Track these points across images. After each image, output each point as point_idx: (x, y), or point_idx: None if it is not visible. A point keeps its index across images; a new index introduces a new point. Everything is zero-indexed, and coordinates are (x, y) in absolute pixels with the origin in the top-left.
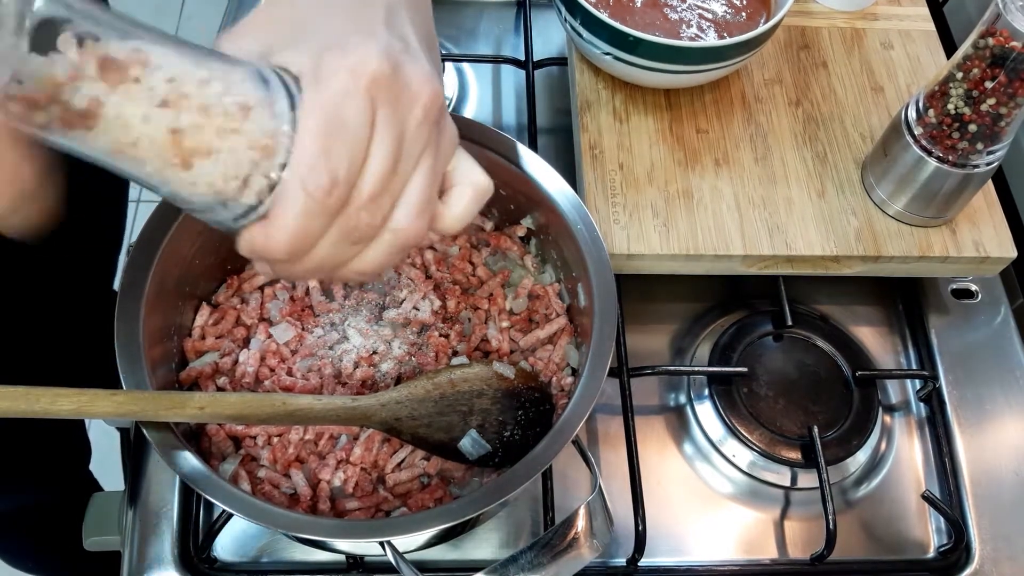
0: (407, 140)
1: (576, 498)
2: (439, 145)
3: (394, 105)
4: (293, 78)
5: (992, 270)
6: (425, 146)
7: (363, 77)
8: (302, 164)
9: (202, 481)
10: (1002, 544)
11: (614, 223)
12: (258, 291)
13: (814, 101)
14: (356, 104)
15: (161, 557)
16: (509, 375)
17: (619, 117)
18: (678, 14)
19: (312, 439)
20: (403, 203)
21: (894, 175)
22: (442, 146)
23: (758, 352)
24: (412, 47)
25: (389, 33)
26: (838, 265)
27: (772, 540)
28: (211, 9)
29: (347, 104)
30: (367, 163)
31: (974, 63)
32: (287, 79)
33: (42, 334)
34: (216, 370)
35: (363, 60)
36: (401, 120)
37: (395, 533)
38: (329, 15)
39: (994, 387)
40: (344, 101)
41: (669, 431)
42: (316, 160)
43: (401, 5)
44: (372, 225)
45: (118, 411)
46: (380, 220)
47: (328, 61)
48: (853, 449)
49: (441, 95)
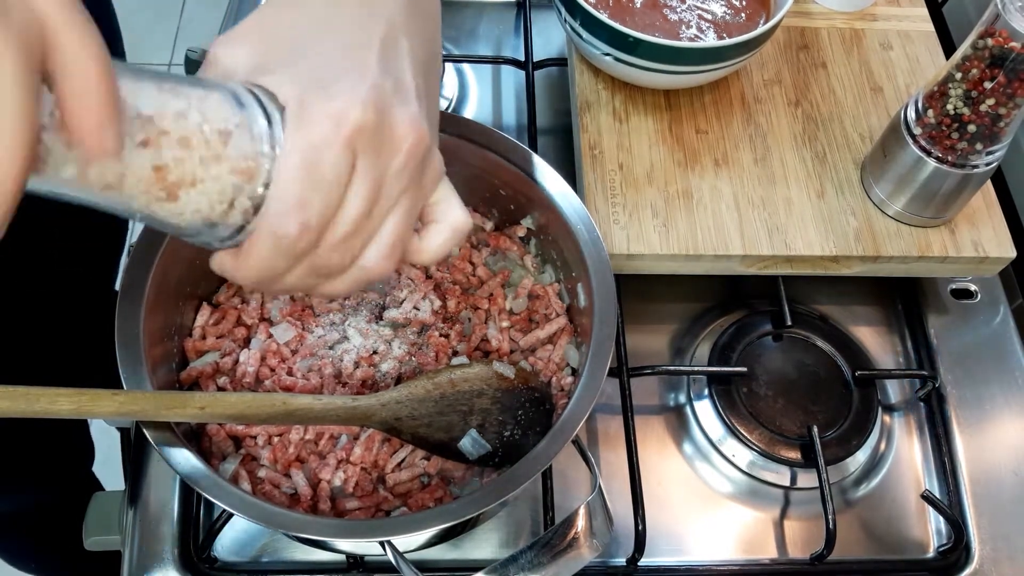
0: (386, 185)
1: (576, 498)
2: (420, 185)
3: (376, 153)
4: (270, 96)
5: (991, 270)
6: (404, 190)
7: (345, 127)
8: (275, 209)
9: (202, 481)
10: (1002, 544)
11: (614, 223)
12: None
13: (813, 101)
14: (336, 154)
15: (161, 557)
16: (509, 375)
17: (619, 117)
18: (678, 15)
19: (312, 439)
20: (375, 244)
21: (893, 175)
22: (423, 185)
23: (758, 352)
24: (403, 85)
25: (381, 70)
26: (837, 265)
27: (772, 540)
28: (211, 10)
29: (327, 154)
30: (342, 208)
31: (973, 63)
32: (263, 98)
33: (42, 334)
34: (216, 370)
35: (347, 107)
36: (382, 167)
37: (395, 533)
38: (325, 37)
39: (994, 387)
40: (324, 149)
41: (669, 431)
42: (290, 208)
43: (402, 32)
44: (341, 265)
45: (118, 411)
46: (350, 260)
47: (313, 103)
48: (853, 449)
49: (426, 138)
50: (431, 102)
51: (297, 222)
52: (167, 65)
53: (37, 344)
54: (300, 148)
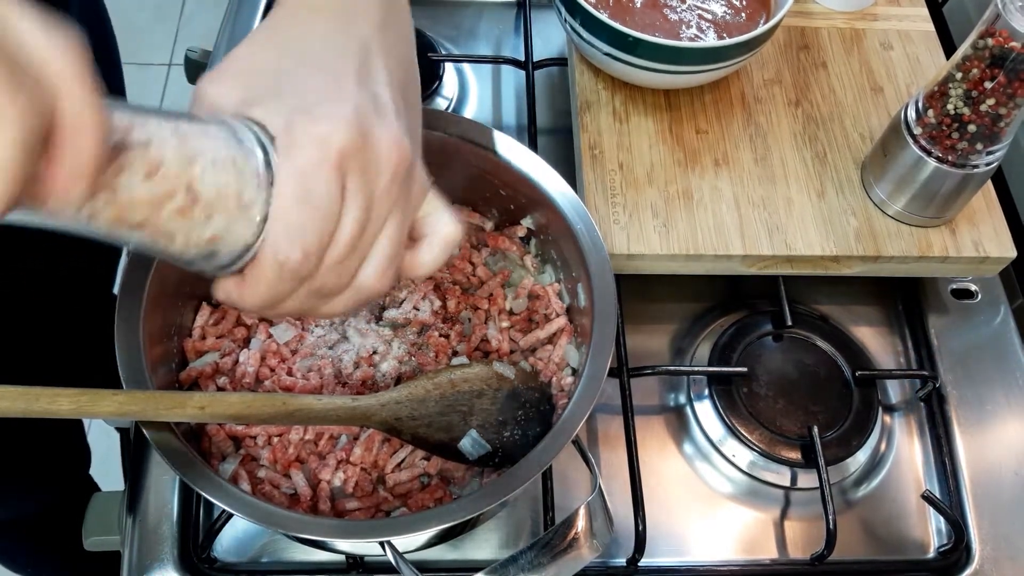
0: (376, 204)
1: (576, 498)
2: (408, 200)
3: (363, 172)
4: (261, 127)
5: (992, 270)
6: (393, 206)
7: (332, 149)
8: (276, 235)
9: (202, 481)
10: (1002, 544)
11: (614, 223)
12: None
13: (814, 101)
14: (326, 177)
15: (161, 557)
16: (509, 375)
17: (619, 117)
18: (678, 15)
19: (312, 439)
20: (370, 262)
21: (894, 175)
22: (411, 200)
23: (758, 352)
24: (382, 103)
25: (360, 90)
26: (838, 265)
27: (772, 540)
28: (211, 10)
29: (317, 177)
30: (337, 231)
31: (973, 63)
32: (260, 134)
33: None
34: (216, 370)
35: (332, 130)
36: (370, 186)
37: (395, 533)
38: (305, 65)
39: (994, 387)
40: (315, 173)
41: (669, 431)
42: (289, 233)
43: (376, 52)
44: (339, 285)
45: (118, 411)
46: (347, 279)
47: (299, 127)
48: (853, 449)
49: (409, 154)
50: (412, 117)
51: (299, 247)
52: (167, 65)
53: (37, 344)
54: (293, 175)
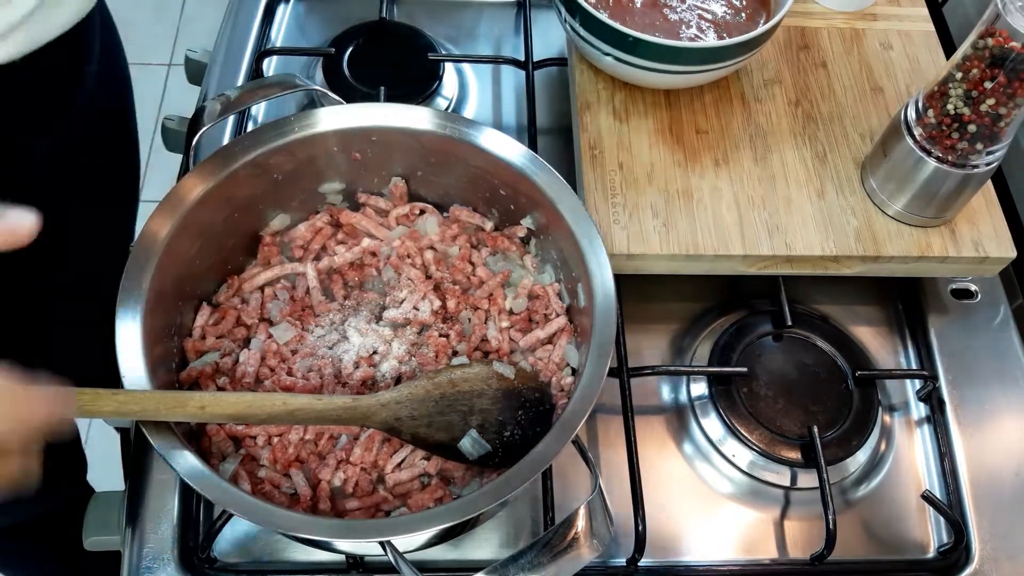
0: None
1: (576, 498)
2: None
3: None
4: None
5: (992, 270)
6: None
7: None
8: None
9: (202, 481)
10: (1002, 544)
11: (614, 223)
12: (258, 291)
13: (814, 101)
14: None
15: (161, 557)
16: (509, 375)
17: (619, 117)
18: (678, 15)
19: (312, 439)
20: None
21: (894, 175)
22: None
23: (758, 352)
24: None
25: None
26: (838, 265)
27: (772, 540)
28: (211, 10)
29: None
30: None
31: (973, 63)
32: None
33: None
34: (216, 370)
35: None
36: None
37: (395, 533)
38: None
39: (994, 387)
40: None
41: (669, 431)
42: None
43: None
44: None
45: (119, 411)
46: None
47: None
48: (853, 449)
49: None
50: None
51: None
52: (167, 65)
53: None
54: None
